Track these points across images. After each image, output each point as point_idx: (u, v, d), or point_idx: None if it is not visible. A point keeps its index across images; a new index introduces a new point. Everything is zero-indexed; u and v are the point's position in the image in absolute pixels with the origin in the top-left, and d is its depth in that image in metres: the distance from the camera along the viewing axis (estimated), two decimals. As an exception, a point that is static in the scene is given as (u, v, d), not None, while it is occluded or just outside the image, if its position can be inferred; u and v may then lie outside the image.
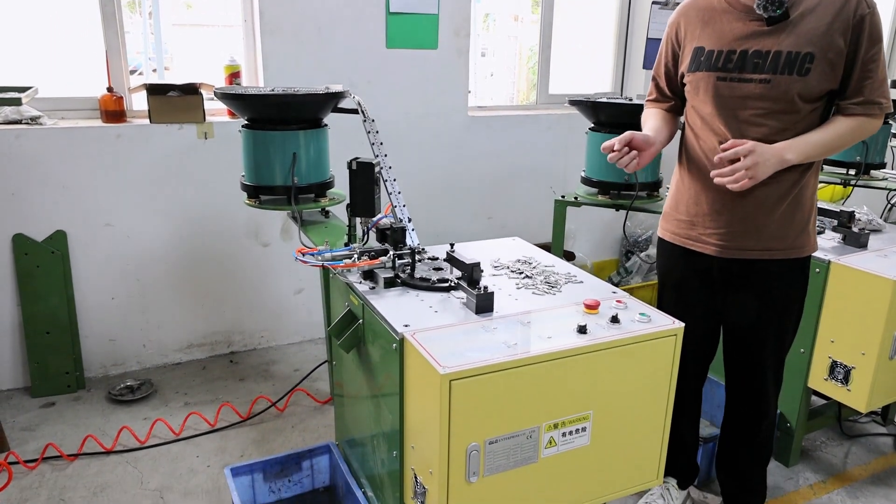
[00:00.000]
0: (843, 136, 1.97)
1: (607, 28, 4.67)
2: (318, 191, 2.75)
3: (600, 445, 1.91)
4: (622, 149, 2.03)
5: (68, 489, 2.57)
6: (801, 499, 2.62)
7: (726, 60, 2.00)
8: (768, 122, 1.98)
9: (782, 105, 1.95)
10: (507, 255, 2.49)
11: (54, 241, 3.16)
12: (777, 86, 1.94)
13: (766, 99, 1.96)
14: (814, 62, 1.90)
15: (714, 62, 2.02)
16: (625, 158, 2.04)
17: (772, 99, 1.95)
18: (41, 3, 3.27)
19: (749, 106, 1.99)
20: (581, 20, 4.66)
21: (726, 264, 2.14)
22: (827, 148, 1.97)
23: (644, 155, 2.06)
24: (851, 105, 1.95)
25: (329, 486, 2.60)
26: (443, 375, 1.62)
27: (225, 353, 3.68)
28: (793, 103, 1.94)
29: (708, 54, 2.04)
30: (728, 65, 2.00)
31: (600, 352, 1.82)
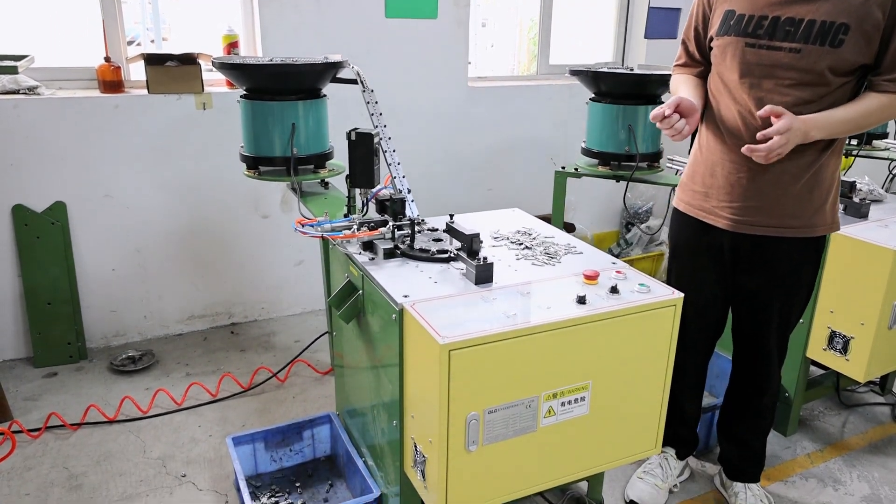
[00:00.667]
0: (871, 114, 1.90)
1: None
2: (318, 162, 2.73)
3: (599, 415, 1.92)
4: (672, 115, 1.93)
5: (72, 458, 2.60)
6: (799, 467, 2.64)
7: (756, 26, 1.93)
8: (795, 92, 1.91)
9: (811, 77, 1.89)
10: (506, 226, 2.49)
11: (54, 212, 3.16)
12: (807, 56, 1.87)
13: (795, 69, 1.89)
14: (848, 34, 1.83)
15: (744, 27, 1.95)
16: (677, 125, 1.94)
17: (800, 70, 1.89)
18: (36, -28, 3.24)
19: (776, 75, 1.92)
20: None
21: (738, 239, 2.12)
22: (853, 125, 1.91)
23: (691, 120, 1.97)
24: (884, 82, 1.89)
25: (330, 455, 2.63)
26: (442, 346, 1.63)
27: (226, 325, 3.69)
28: (822, 76, 1.88)
29: (738, 18, 1.97)
30: (758, 31, 1.93)
31: (599, 322, 1.82)
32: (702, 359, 2.40)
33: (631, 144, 3.01)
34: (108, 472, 2.53)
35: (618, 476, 2.55)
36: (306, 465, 2.59)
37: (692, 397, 2.45)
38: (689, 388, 2.41)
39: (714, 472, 2.58)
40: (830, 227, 2.09)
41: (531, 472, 1.89)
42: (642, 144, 3.02)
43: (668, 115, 1.94)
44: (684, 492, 2.50)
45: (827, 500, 2.47)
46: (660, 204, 4.65)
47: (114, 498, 2.40)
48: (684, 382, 2.36)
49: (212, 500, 2.41)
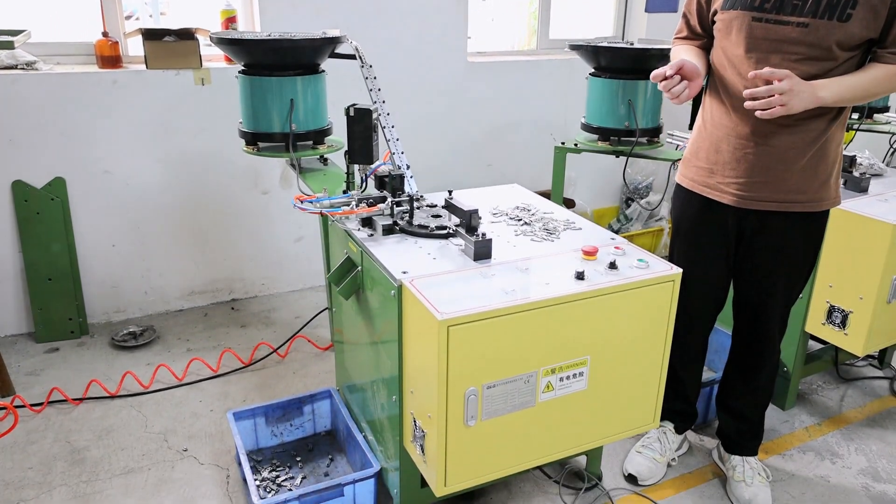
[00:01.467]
0: (879, 83, 1.89)
1: (611, -30, 4.57)
2: (317, 138, 2.72)
3: (597, 390, 1.93)
4: (674, 76, 1.92)
5: (74, 432, 2.62)
6: (797, 440, 2.66)
7: (763, 0, 1.93)
8: (802, 67, 1.89)
9: (818, 51, 1.87)
10: (505, 202, 2.48)
11: (53, 188, 3.16)
12: (815, 30, 1.85)
13: (802, 44, 1.87)
14: (856, 7, 1.81)
15: (751, 1, 1.93)
16: (678, 87, 1.93)
17: (808, 44, 1.87)
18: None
19: (784, 50, 1.90)
20: (584, -38, 4.55)
21: (744, 215, 2.11)
22: (861, 92, 1.89)
23: (693, 85, 1.95)
24: (889, 54, 1.87)
25: (330, 430, 2.65)
26: (440, 321, 1.63)
27: (226, 301, 3.70)
28: (830, 50, 1.86)
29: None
30: (765, 4, 1.90)
31: (598, 297, 1.83)
32: (702, 333, 2.41)
33: (631, 119, 2.99)
34: (110, 446, 2.55)
35: (616, 450, 2.57)
36: (307, 439, 2.61)
37: (692, 372, 2.46)
38: (688, 362, 2.42)
39: (712, 446, 2.60)
40: (834, 201, 2.09)
41: (530, 446, 1.91)
42: (642, 119, 3.01)
43: (670, 77, 1.93)
44: (682, 465, 2.52)
45: (824, 472, 2.49)
46: (660, 179, 4.64)
47: (116, 471, 2.42)
48: (684, 357, 2.37)
49: (213, 474, 2.43)
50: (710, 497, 2.37)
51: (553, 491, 2.38)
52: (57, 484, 2.36)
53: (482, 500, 2.34)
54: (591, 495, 2.37)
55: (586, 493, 2.38)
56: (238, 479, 2.41)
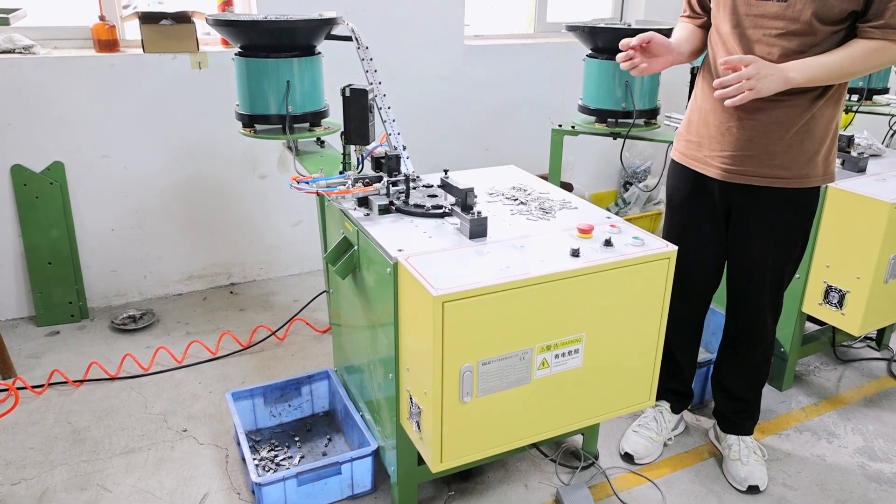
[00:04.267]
0: (855, 60, 1.87)
1: (609, -48, 4.54)
2: (313, 120, 2.73)
3: (593, 367, 1.94)
4: (637, 48, 2.01)
5: (74, 413, 2.64)
6: (794, 420, 2.67)
7: None
8: (782, 42, 1.90)
9: (798, 26, 1.87)
10: (502, 182, 2.49)
11: (52, 172, 3.16)
12: (793, 5, 1.86)
13: (783, 18, 1.88)
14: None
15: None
16: (635, 60, 2.02)
17: (787, 19, 1.88)
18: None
19: (764, 25, 1.92)
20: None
21: (730, 189, 2.13)
22: (836, 71, 1.88)
23: (657, 61, 2.04)
24: (870, 28, 1.86)
25: (328, 410, 2.66)
26: (436, 297, 1.64)
27: (225, 285, 3.71)
28: (809, 24, 1.86)
29: None
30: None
31: (593, 275, 1.83)
32: (697, 311, 2.41)
33: (628, 101, 2.99)
34: (110, 426, 2.57)
35: (613, 430, 2.58)
36: (305, 420, 2.62)
37: (687, 351, 2.47)
38: (684, 341, 2.43)
39: (709, 426, 2.61)
40: (823, 178, 2.08)
41: (525, 423, 1.92)
42: (639, 101, 3.01)
43: (633, 48, 2.01)
44: (679, 445, 2.54)
45: (821, 452, 2.50)
46: (658, 163, 4.63)
47: (116, 451, 2.44)
48: (680, 335, 2.39)
49: (212, 453, 2.45)
50: (706, 476, 2.39)
51: (550, 470, 2.40)
52: (58, 463, 2.38)
53: (479, 478, 2.35)
54: (587, 474, 2.39)
55: (583, 471, 2.39)
56: (237, 459, 2.42)
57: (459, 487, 2.32)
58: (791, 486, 2.34)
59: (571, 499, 2.23)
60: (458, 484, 2.33)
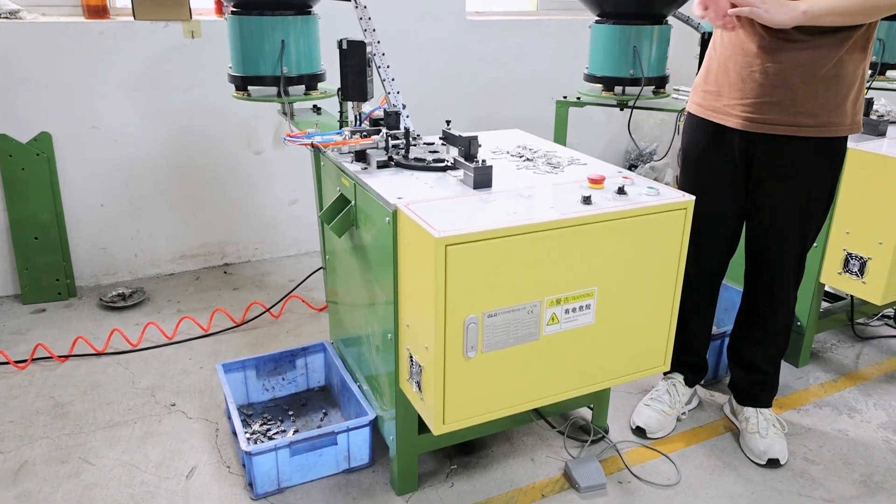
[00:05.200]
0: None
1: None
2: (309, 83, 2.62)
3: (605, 325, 1.82)
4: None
5: (58, 388, 2.51)
6: (812, 396, 2.55)
7: None
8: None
9: None
10: (507, 143, 2.38)
11: (39, 143, 3.04)
12: None
13: None
14: None
15: None
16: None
17: None
18: None
19: None
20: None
21: (751, 140, 2.00)
22: (847, 8, 1.76)
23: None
24: None
25: (324, 385, 2.54)
26: (438, 239, 1.52)
27: (219, 265, 3.59)
28: None
29: None
30: None
31: (606, 223, 1.72)
32: (713, 276, 2.28)
33: (636, 67, 2.88)
34: (95, 401, 2.45)
35: (623, 405, 2.46)
36: (299, 395, 2.50)
37: (702, 320, 2.34)
38: (699, 309, 2.30)
39: (723, 401, 2.49)
40: (851, 127, 1.95)
41: (533, 384, 1.80)
42: (648, 68, 2.89)
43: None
44: (692, 420, 2.41)
45: (842, 427, 2.38)
46: (664, 144, 4.51)
47: (101, 425, 2.32)
48: (694, 302, 2.25)
49: (201, 427, 2.32)
50: (722, 450, 2.26)
51: (557, 444, 2.27)
52: (38, 437, 2.25)
53: (482, 452, 2.23)
54: (597, 448, 2.26)
55: (592, 445, 2.27)
56: (227, 433, 2.30)
57: (462, 461, 2.19)
58: (813, 461, 2.21)
59: (581, 472, 2.10)
60: (460, 458, 2.20)
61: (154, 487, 2.06)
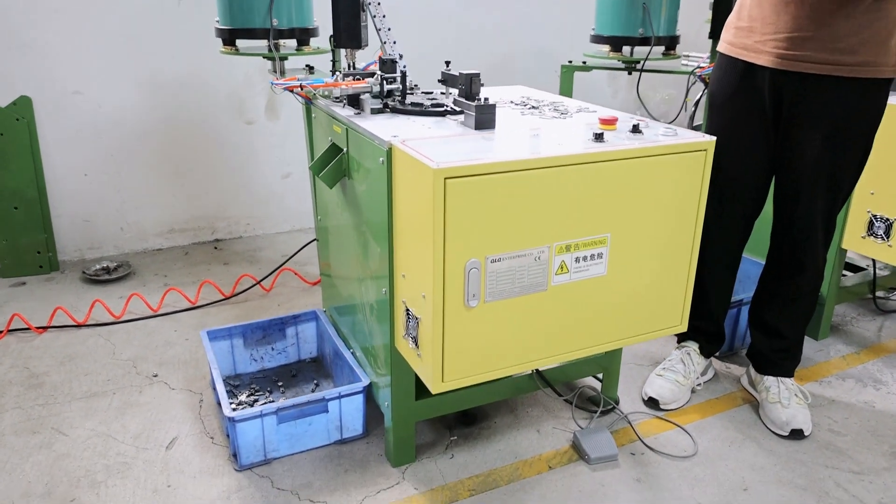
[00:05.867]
0: None
1: None
2: (301, 37, 2.48)
3: (618, 277, 1.68)
4: None
5: (34, 358, 2.37)
6: (834, 368, 2.40)
7: None
8: None
9: None
10: (510, 96, 2.24)
11: (19, 108, 2.90)
12: None
13: None
14: None
15: None
16: None
17: None
18: None
19: None
20: None
21: (783, 80, 1.83)
22: None
23: None
24: None
25: (316, 357, 2.40)
26: (436, 171, 1.38)
27: (209, 241, 3.44)
28: None
29: None
30: None
31: (619, 162, 1.57)
32: (736, 235, 2.12)
33: (646, 25, 2.74)
34: (72, 371, 2.30)
35: (634, 377, 2.31)
36: (290, 366, 2.35)
37: (722, 285, 2.19)
38: (719, 273, 2.15)
39: (740, 373, 2.34)
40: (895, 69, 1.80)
41: (540, 340, 1.65)
42: (657, 27, 2.75)
43: None
44: (708, 391, 2.26)
45: (868, 399, 2.23)
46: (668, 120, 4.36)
47: (77, 395, 2.17)
48: (714, 264, 2.11)
49: (184, 398, 2.18)
50: (741, 422, 2.11)
51: (564, 415, 2.12)
52: (9, 407, 2.11)
53: (485, 423, 2.08)
54: (606, 420, 2.11)
55: (602, 416, 2.12)
56: (212, 404, 2.15)
57: (462, 433, 2.04)
58: (839, 432, 2.06)
59: (591, 442, 1.95)
60: (460, 429, 2.06)
61: (131, 458, 1.91)
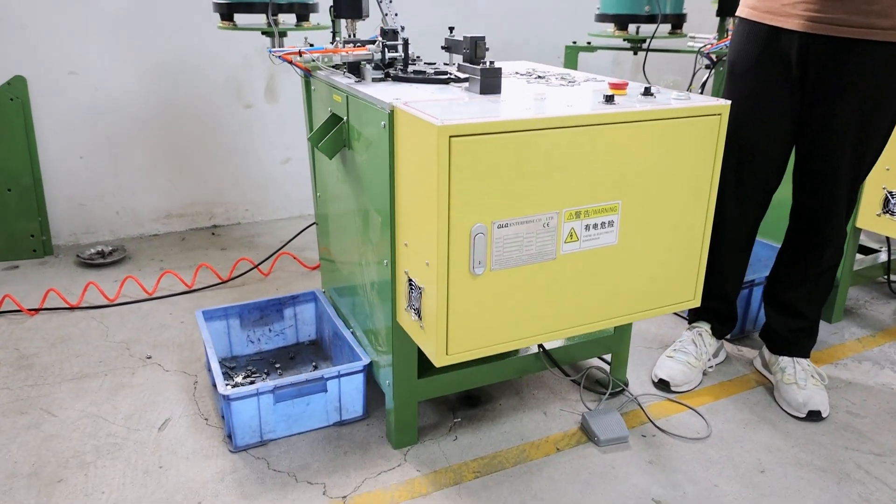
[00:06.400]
0: None
1: None
2: (301, 12, 2.42)
3: (630, 247, 1.61)
4: None
5: (24, 340, 2.30)
6: (850, 351, 2.33)
7: None
8: None
9: None
10: (515, 68, 2.17)
11: (13, 88, 2.83)
12: None
13: None
14: None
15: None
16: None
17: None
18: None
19: None
20: None
21: (811, 44, 1.75)
22: None
23: None
24: None
25: (315, 339, 2.33)
26: (440, 128, 1.31)
27: (206, 227, 3.37)
28: None
29: None
30: None
31: (631, 124, 1.50)
32: (752, 207, 2.02)
33: (652, 3, 2.67)
34: (63, 353, 2.23)
35: (643, 360, 2.24)
36: (288, 349, 2.28)
37: (734, 262, 2.11)
38: (733, 250, 2.07)
39: (752, 356, 2.27)
40: None
41: (548, 312, 1.58)
42: (665, 4, 2.68)
43: None
44: (720, 374, 2.19)
45: (886, 381, 2.16)
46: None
47: (67, 377, 2.10)
48: (729, 242, 2.03)
49: (179, 380, 2.11)
50: (755, 404, 2.04)
51: (571, 397, 2.05)
52: (-3, 388, 2.04)
53: (488, 405, 2.01)
54: (615, 402, 2.04)
55: (610, 398, 2.05)
56: (207, 385, 2.08)
57: (466, 415, 1.97)
58: (857, 414, 1.99)
59: (600, 424, 1.88)
60: (464, 411, 1.99)
61: (122, 439, 1.84)
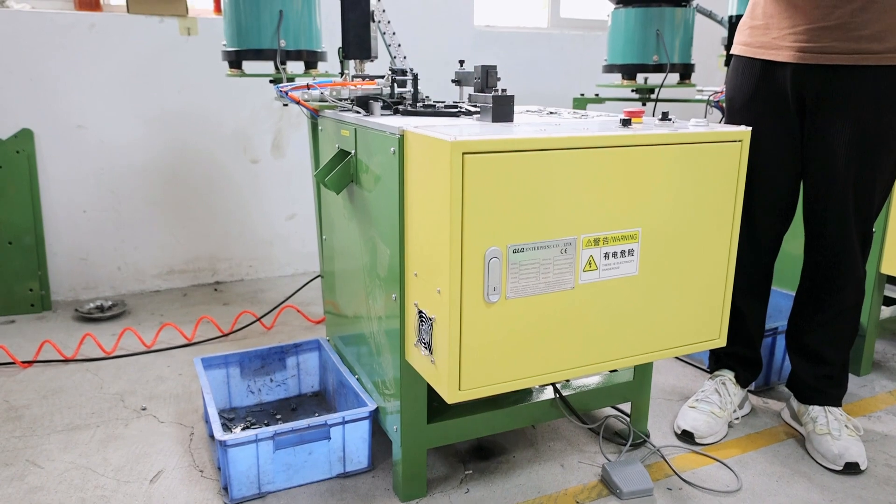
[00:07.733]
0: None
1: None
2: (309, 59, 2.41)
3: (650, 278, 1.53)
4: None
5: (15, 392, 2.20)
6: (882, 403, 2.21)
7: None
8: None
9: None
10: (527, 108, 2.14)
11: (20, 141, 2.82)
12: None
13: None
14: None
15: None
16: None
17: None
18: None
19: None
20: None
21: (805, 75, 1.72)
22: None
23: None
24: None
25: (318, 391, 2.22)
26: (453, 144, 1.26)
27: (209, 283, 3.30)
28: None
29: None
30: None
31: (649, 147, 1.44)
32: (767, 255, 1.97)
33: (660, 52, 2.66)
34: (55, 405, 2.13)
35: (662, 411, 2.13)
36: (290, 400, 2.18)
37: (755, 304, 2.02)
38: (751, 292, 1.99)
39: (779, 408, 2.15)
40: None
41: (566, 347, 1.48)
42: (673, 53, 2.68)
43: None
44: (746, 426, 2.07)
45: (922, 432, 2.03)
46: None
47: (57, 428, 1.99)
48: (747, 282, 1.94)
49: (174, 431, 1.99)
50: (787, 456, 1.91)
51: (590, 449, 1.93)
52: (-18, 439, 1.93)
53: (502, 457, 1.89)
54: (637, 454, 1.92)
55: (632, 450, 1.92)
56: (203, 437, 1.97)
57: (478, 467, 1.85)
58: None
59: (622, 475, 1.75)
60: (476, 463, 1.86)
61: (110, 492, 1.72)
